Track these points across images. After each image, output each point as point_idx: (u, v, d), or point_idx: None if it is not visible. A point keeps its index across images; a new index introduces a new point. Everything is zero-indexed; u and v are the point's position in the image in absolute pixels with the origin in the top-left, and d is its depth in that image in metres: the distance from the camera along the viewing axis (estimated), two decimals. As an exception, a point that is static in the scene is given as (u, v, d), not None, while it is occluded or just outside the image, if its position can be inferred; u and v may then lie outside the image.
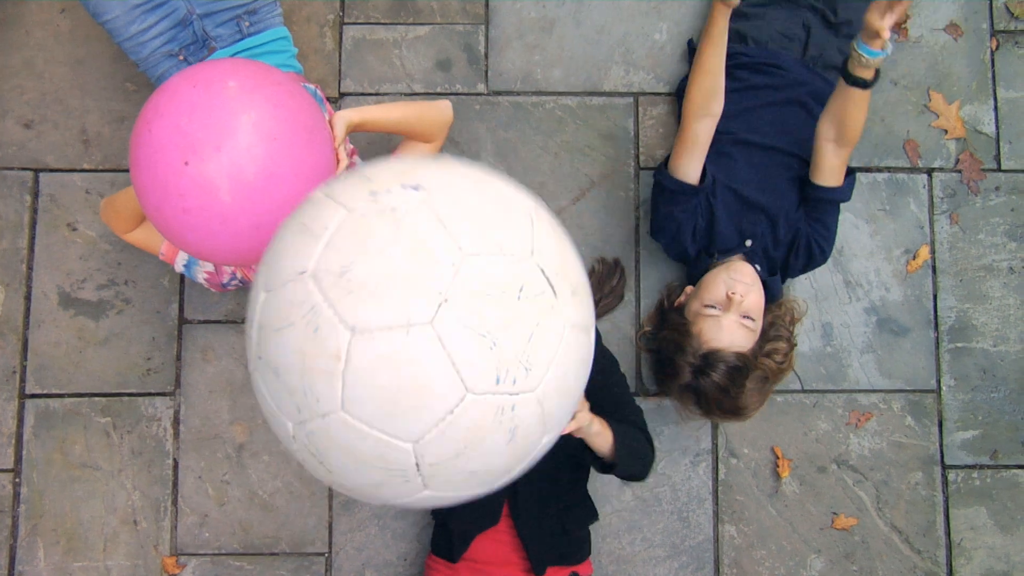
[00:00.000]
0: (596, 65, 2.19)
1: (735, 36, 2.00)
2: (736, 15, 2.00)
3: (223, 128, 1.35)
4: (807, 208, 1.92)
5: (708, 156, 1.87)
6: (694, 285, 1.94)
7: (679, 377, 1.81)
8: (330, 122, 1.59)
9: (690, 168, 1.88)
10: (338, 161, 1.57)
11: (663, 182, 1.92)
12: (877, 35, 1.61)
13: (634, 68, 2.19)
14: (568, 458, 1.74)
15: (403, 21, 2.18)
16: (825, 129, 1.82)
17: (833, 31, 2.02)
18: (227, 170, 1.34)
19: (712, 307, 1.81)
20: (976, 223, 2.18)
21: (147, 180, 1.39)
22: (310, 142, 1.44)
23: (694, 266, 1.98)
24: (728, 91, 1.91)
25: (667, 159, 1.94)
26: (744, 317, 1.80)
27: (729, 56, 1.96)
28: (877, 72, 1.71)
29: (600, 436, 1.56)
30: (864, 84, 1.71)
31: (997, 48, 2.22)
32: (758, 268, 1.91)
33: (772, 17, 2.01)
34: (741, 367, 1.75)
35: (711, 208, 1.92)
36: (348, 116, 1.62)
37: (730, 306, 1.79)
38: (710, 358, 1.77)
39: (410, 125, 1.80)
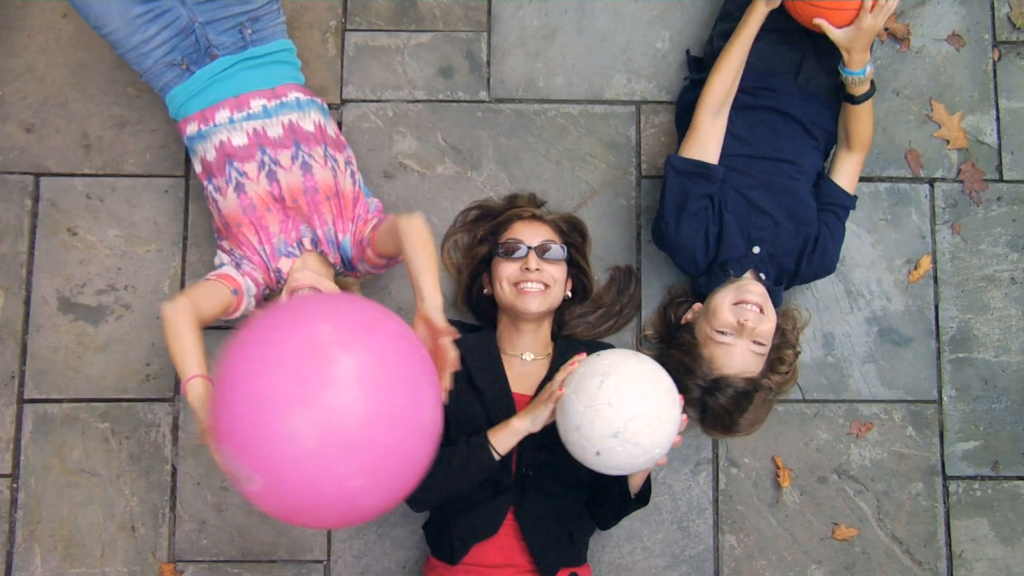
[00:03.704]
0: (598, 73, 2.19)
1: None
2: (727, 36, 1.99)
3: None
4: (819, 206, 1.97)
5: None
6: (701, 300, 1.93)
7: (687, 394, 1.81)
8: (425, 318, 1.51)
9: (703, 157, 1.90)
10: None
11: (676, 164, 1.90)
12: (847, 52, 1.87)
13: (636, 76, 2.19)
14: (570, 469, 1.74)
15: (405, 28, 2.18)
16: (840, 137, 2.02)
17: (827, 56, 1.97)
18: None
19: (723, 332, 1.80)
20: (978, 233, 2.17)
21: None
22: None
23: (706, 279, 1.95)
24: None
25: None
26: (755, 343, 1.80)
27: None
28: (871, 84, 1.93)
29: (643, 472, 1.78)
30: (861, 99, 1.92)
31: (999, 59, 2.22)
32: (763, 277, 1.90)
33: (766, 44, 1.95)
34: (749, 391, 1.78)
35: (721, 212, 1.90)
36: (436, 302, 1.55)
37: (742, 332, 1.79)
38: (720, 383, 1.78)
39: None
